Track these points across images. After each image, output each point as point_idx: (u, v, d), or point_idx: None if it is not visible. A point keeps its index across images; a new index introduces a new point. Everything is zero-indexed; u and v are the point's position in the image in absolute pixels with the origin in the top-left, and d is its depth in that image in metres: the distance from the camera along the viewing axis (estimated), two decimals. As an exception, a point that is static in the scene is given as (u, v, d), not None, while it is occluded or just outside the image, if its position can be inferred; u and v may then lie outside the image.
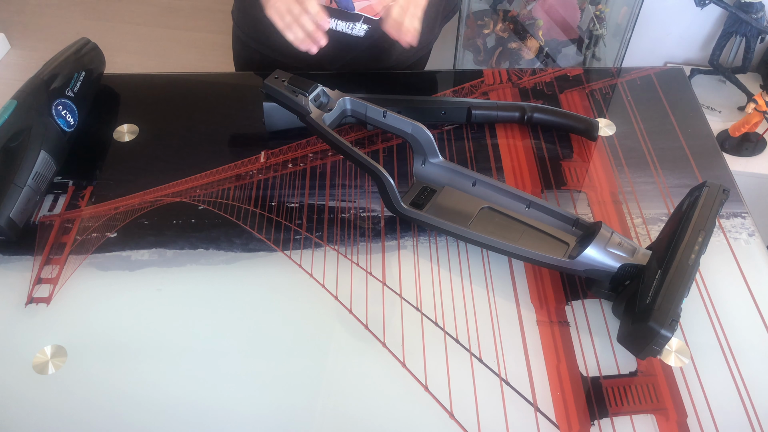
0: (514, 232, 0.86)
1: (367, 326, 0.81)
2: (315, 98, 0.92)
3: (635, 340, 0.73)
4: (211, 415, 0.73)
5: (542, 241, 0.85)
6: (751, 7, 1.57)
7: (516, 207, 0.88)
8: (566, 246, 0.83)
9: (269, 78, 0.94)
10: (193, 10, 2.78)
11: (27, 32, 2.70)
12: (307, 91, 0.91)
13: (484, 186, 0.91)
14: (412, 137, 0.91)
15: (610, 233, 0.79)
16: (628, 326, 0.73)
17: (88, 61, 1.10)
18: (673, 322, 0.67)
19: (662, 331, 0.67)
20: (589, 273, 0.79)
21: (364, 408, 0.74)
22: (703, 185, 0.80)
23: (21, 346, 0.80)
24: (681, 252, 0.73)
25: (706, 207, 0.77)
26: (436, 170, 0.93)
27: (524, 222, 0.87)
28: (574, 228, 0.85)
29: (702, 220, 0.76)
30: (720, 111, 1.68)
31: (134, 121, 1.09)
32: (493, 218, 0.88)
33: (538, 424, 0.72)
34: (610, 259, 0.77)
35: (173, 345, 0.80)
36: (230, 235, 0.91)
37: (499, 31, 1.90)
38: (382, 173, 0.85)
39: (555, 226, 0.86)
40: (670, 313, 0.68)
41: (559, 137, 1.05)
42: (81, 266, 0.88)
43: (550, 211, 0.86)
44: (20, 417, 0.74)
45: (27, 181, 0.92)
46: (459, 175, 0.92)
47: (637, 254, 0.78)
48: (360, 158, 0.86)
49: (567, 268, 0.80)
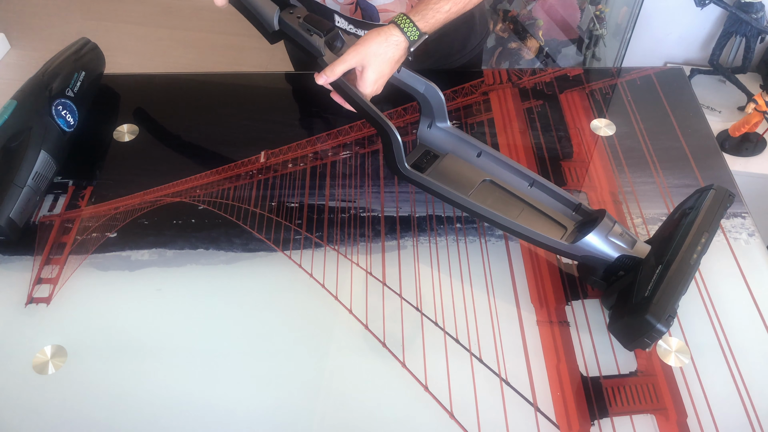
0: (513, 209, 0.84)
1: (367, 326, 0.81)
2: (330, 40, 0.86)
3: (627, 331, 0.73)
4: (211, 414, 0.73)
5: (540, 221, 0.84)
6: (751, 7, 1.57)
7: (518, 184, 0.87)
8: (564, 230, 0.83)
9: (284, 12, 0.88)
10: (193, 10, 2.78)
11: (27, 32, 2.70)
12: (324, 32, 0.86)
13: (489, 158, 0.88)
14: (423, 97, 0.88)
15: (613, 222, 0.78)
16: (621, 317, 0.73)
17: (88, 61, 1.10)
18: (669, 318, 0.68)
19: (658, 325, 0.67)
20: (585, 259, 0.79)
21: (364, 408, 0.74)
22: (710, 188, 0.80)
23: (21, 346, 0.80)
24: (684, 251, 0.73)
25: (712, 209, 0.77)
26: (441, 135, 0.90)
27: (524, 200, 0.85)
28: (574, 213, 0.84)
29: (707, 222, 0.76)
30: (720, 111, 1.68)
31: (134, 121, 1.09)
32: (493, 192, 0.86)
33: (538, 424, 0.72)
34: (610, 248, 0.77)
35: (173, 345, 0.80)
36: (230, 235, 0.91)
37: (499, 31, 1.90)
38: (391, 129, 0.82)
39: (555, 209, 0.85)
40: (667, 309, 0.68)
41: (559, 137, 1.05)
42: (81, 266, 0.88)
43: (552, 193, 0.85)
44: (20, 417, 0.74)
45: (27, 181, 0.92)
46: (464, 144, 0.90)
47: (636, 247, 0.78)
48: (370, 111, 0.83)
49: (564, 251, 0.80)
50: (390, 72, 0.85)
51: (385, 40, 0.83)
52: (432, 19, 0.86)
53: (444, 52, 1.17)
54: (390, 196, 0.96)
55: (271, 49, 1.10)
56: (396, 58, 0.84)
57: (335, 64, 0.83)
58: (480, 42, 1.23)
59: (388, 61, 0.83)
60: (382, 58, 0.83)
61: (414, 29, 0.84)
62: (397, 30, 0.83)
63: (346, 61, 0.83)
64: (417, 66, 0.90)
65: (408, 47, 0.84)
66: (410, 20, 0.84)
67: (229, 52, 2.61)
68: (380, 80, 0.84)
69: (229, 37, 2.65)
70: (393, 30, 0.84)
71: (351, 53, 0.82)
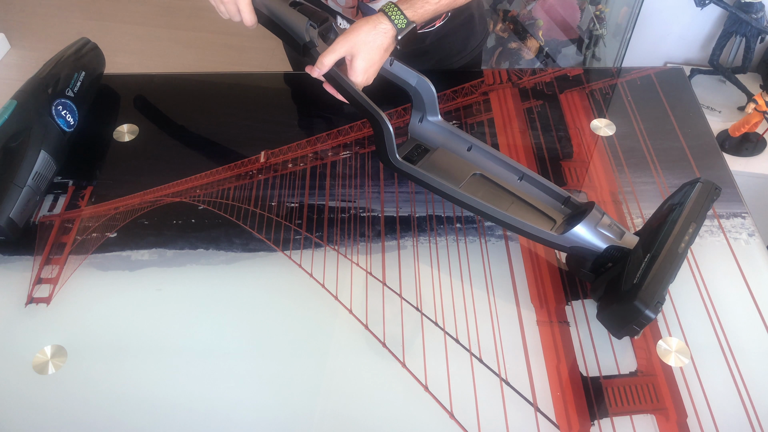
0: (503, 202, 0.85)
1: (367, 326, 0.81)
2: (324, 31, 0.86)
3: (616, 319, 0.73)
4: (211, 414, 0.73)
5: (530, 214, 0.84)
6: (751, 7, 1.57)
7: (508, 177, 0.87)
8: (553, 222, 0.83)
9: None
10: (193, 10, 2.78)
11: (27, 32, 2.70)
12: (318, 23, 0.86)
13: (480, 152, 0.89)
14: (415, 90, 0.88)
15: (601, 214, 0.79)
16: (610, 304, 0.74)
17: (88, 61, 1.10)
18: (657, 304, 0.68)
19: (646, 311, 0.68)
20: (574, 250, 0.79)
21: (364, 408, 0.74)
22: (697, 181, 0.81)
23: (21, 346, 0.80)
24: (672, 240, 0.73)
25: (699, 201, 0.78)
26: (432, 129, 0.91)
27: (513, 193, 0.86)
28: (563, 206, 0.85)
29: (694, 213, 0.77)
30: (720, 111, 1.68)
31: (134, 121, 1.09)
32: (483, 185, 0.87)
33: (538, 424, 0.72)
34: (598, 239, 0.78)
35: (173, 345, 0.80)
36: (230, 235, 0.91)
37: (499, 31, 1.90)
38: (382, 118, 0.82)
39: (544, 202, 0.85)
40: (656, 295, 0.69)
41: (559, 137, 1.05)
42: (81, 266, 0.88)
43: (542, 186, 0.86)
44: (20, 417, 0.74)
45: (27, 181, 0.92)
46: (455, 138, 0.90)
47: (624, 238, 0.78)
48: (361, 100, 0.83)
49: (554, 242, 0.80)
50: (380, 60, 0.85)
51: (374, 28, 0.83)
52: (420, 9, 0.86)
53: (444, 53, 1.17)
54: (390, 196, 0.96)
55: (271, 49, 1.10)
56: (385, 45, 0.84)
57: (324, 54, 0.83)
58: (480, 43, 1.23)
59: (377, 49, 0.84)
60: (370, 45, 0.83)
61: (402, 17, 0.84)
62: (385, 18, 0.84)
63: (336, 51, 0.83)
64: (418, 67, 0.90)
65: (396, 35, 0.84)
66: (398, 8, 0.84)
67: (229, 52, 2.61)
68: (370, 69, 0.85)
69: (229, 37, 2.65)
70: (381, 18, 0.84)
71: (340, 42, 0.83)
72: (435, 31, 1.11)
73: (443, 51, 1.17)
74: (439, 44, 1.14)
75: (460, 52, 1.19)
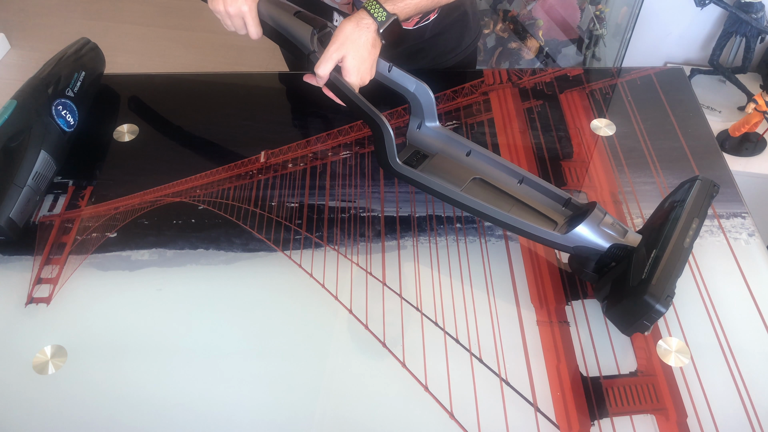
0: (504, 205, 0.85)
1: (367, 326, 0.81)
2: (322, 38, 0.87)
3: (626, 315, 0.73)
4: (210, 414, 0.73)
5: (531, 216, 0.84)
6: (751, 7, 1.57)
7: (508, 181, 0.87)
8: (554, 224, 0.83)
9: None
10: (193, 10, 2.77)
11: (27, 32, 2.70)
12: (317, 29, 0.86)
13: (479, 157, 0.89)
14: (413, 96, 0.88)
15: (603, 213, 0.79)
16: (620, 301, 0.73)
17: (88, 61, 1.10)
18: (668, 298, 0.68)
19: (657, 305, 0.68)
20: (578, 250, 0.79)
21: (364, 408, 0.74)
22: (696, 178, 0.81)
23: (21, 346, 0.80)
24: (677, 235, 0.74)
25: (699, 197, 0.78)
26: (431, 135, 0.90)
27: (514, 196, 0.86)
28: (564, 207, 0.85)
29: (696, 209, 0.77)
30: (720, 111, 1.68)
31: (134, 121, 1.09)
32: (483, 189, 0.87)
33: (538, 424, 0.72)
34: (602, 238, 0.77)
35: (173, 345, 0.80)
36: (230, 235, 0.91)
37: (499, 31, 1.90)
38: (382, 121, 0.82)
39: (545, 204, 0.85)
40: (666, 289, 0.68)
41: (559, 137, 1.05)
42: (81, 266, 0.88)
43: (542, 188, 0.86)
44: (20, 417, 0.74)
45: (27, 181, 0.92)
46: (454, 143, 0.90)
47: (627, 236, 0.78)
48: (360, 103, 0.83)
49: (557, 243, 0.80)
50: (370, 57, 0.86)
51: (357, 25, 0.84)
52: (401, 2, 0.87)
53: (439, 50, 1.18)
54: (390, 196, 0.96)
55: (271, 49, 1.10)
56: (371, 41, 0.85)
57: (319, 65, 0.84)
58: (474, 40, 1.24)
59: (364, 45, 0.84)
60: (357, 43, 0.84)
61: (381, 10, 0.85)
62: (366, 13, 0.85)
63: (330, 58, 0.84)
64: (413, 65, 0.90)
65: (377, 29, 0.85)
66: (378, 3, 0.85)
67: (229, 52, 2.61)
68: (362, 66, 0.85)
69: (229, 37, 2.64)
70: (362, 14, 0.85)
71: (331, 47, 0.84)
72: (431, 28, 1.11)
73: (438, 48, 1.17)
74: (434, 41, 1.15)
75: (454, 49, 1.20)
